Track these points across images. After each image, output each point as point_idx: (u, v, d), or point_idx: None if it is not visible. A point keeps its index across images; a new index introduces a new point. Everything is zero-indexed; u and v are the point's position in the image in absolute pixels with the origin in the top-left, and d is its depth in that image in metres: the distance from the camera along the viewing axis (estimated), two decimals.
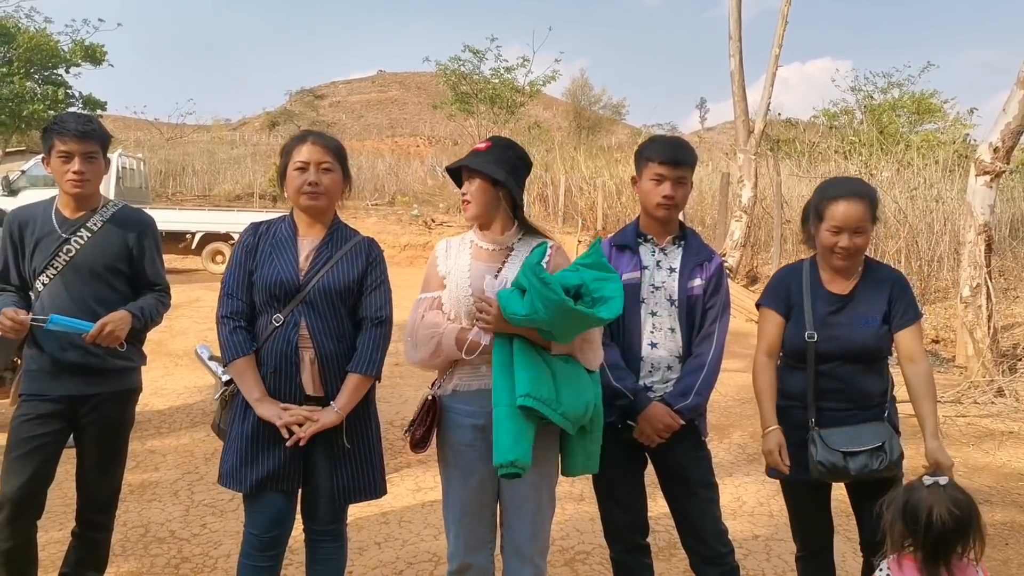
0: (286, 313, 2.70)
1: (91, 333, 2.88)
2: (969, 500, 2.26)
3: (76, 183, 3.01)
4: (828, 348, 2.81)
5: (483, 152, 2.70)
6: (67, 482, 3.23)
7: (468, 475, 2.68)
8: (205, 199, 25.51)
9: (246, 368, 2.68)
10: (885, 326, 2.82)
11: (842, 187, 2.85)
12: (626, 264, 2.93)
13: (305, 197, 2.74)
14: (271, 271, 2.72)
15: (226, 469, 2.74)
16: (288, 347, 2.69)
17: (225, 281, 2.78)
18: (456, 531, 2.72)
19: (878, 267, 2.96)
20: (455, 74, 30.34)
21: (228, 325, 2.71)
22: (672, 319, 2.92)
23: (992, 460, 5.77)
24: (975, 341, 8.07)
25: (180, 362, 7.95)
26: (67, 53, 25.48)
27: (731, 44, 15.17)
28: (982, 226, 8.19)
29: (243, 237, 2.83)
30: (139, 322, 3.04)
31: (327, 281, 2.74)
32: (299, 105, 54.81)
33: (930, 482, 2.27)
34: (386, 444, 5.65)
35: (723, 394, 7.21)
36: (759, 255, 16.52)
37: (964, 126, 24.58)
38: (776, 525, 4.41)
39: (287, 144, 2.84)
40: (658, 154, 2.89)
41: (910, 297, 2.88)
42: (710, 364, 2.89)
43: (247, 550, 2.76)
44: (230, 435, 2.77)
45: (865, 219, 2.76)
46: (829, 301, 2.87)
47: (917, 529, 2.22)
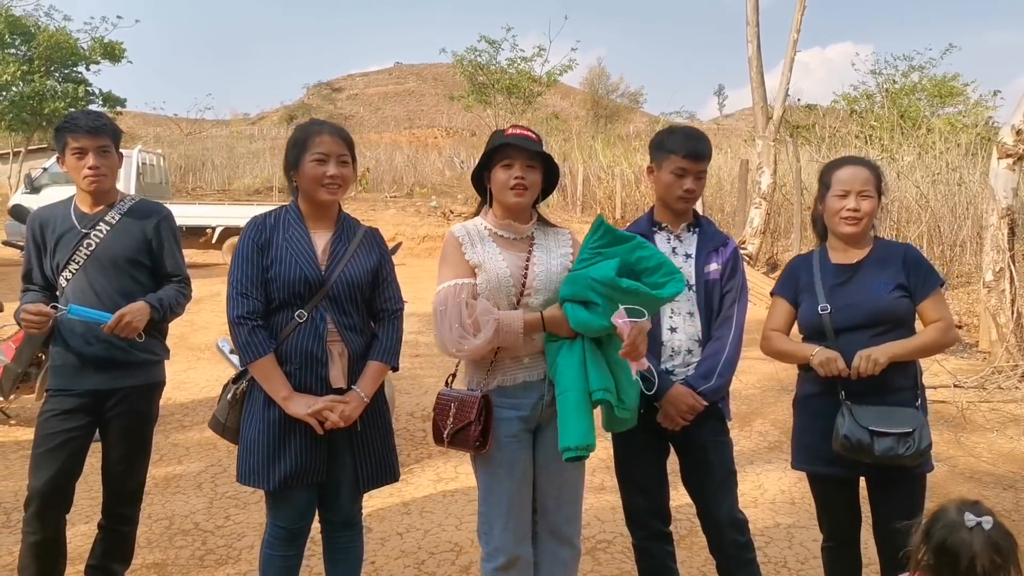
0: (309, 308, 2.70)
1: (109, 324, 2.91)
2: (1012, 543, 2.04)
3: (93, 179, 3.04)
4: (844, 318, 2.79)
5: (534, 140, 2.71)
6: (93, 476, 3.27)
7: (513, 466, 2.70)
8: (225, 194, 25.72)
9: (270, 367, 2.65)
10: (902, 293, 2.78)
11: (845, 158, 2.96)
12: None
13: (325, 190, 2.73)
14: (293, 268, 2.68)
15: (249, 467, 2.72)
16: (318, 343, 2.69)
17: (235, 280, 2.69)
18: (504, 523, 2.70)
19: (887, 242, 2.98)
20: (472, 65, 30.33)
21: (247, 325, 2.65)
22: (690, 304, 2.94)
23: (1017, 446, 5.72)
24: (999, 326, 7.98)
25: (202, 356, 8.02)
26: (86, 51, 25.72)
27: (748, 30, 15.05)
28: (1005, 210, 8.08)
29: (249, 233, 2.74)
30: (157, 313, 3.05)
31: (348, 275, 2.75)
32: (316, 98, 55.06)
33: (973, 523, 2.01)
34: (407, 435, 5.72)
35: (745, 383, 7.19)
36: (779, 242, 16.42)
37: (987, 108, 24.26)
38: (798, 513, 4.40)
39: (299, 134, 2.78)
40: (680, 148, 2.90)
41: (926, 265, 2.86)
42: (731, 346, 2.91)
43: (272, 542, 2.78)
44: (247, 433, 2.75)
45: (870, 183, 2.81)
46: (836, 273, 2.88)
47: (955, 573, 2.02)
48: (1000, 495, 4.78)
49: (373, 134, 42.22)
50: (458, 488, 4.72)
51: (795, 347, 2.91)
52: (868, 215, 2.82)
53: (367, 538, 4.01)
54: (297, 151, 2.74)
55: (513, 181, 2.65)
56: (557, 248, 2.79)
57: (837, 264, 2.89)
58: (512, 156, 2.66)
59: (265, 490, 2.75)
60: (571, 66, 31.04)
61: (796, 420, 3.00)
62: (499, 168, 2.68)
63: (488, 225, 2.76)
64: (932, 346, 2.82)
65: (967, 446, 5.67)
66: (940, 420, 6.21)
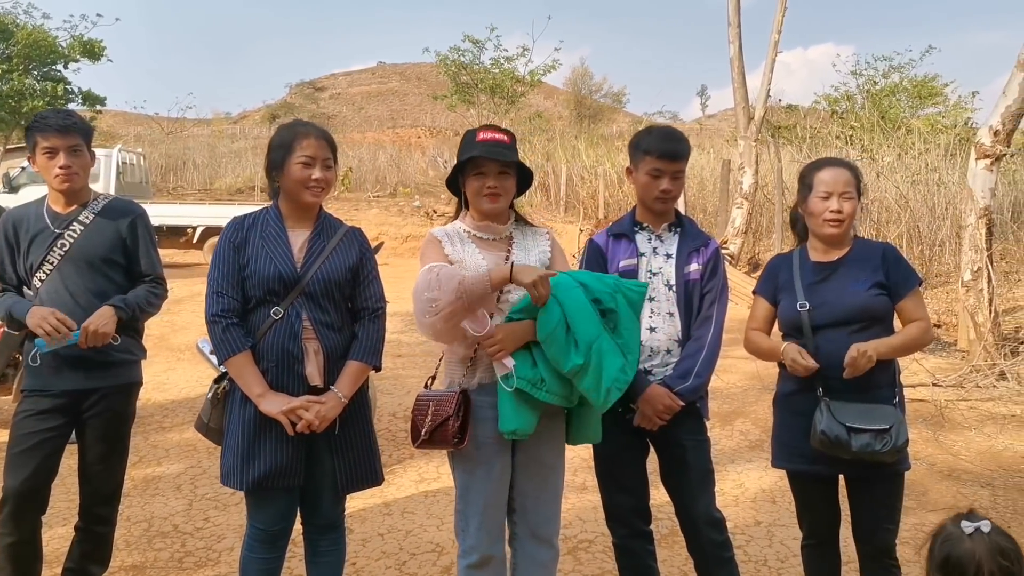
0: (285, 305, 2.69)
1: (80, 340, 2.90)
2: (1014, 544, 1.95)
3: (64, 178, 3.02)
4: (822, 315, 2.82)
5: (508, 145, 2.72)
6: (70, 477, 3.25)
7: (491, 468, 2.71)
8: (206, 193, 25.56)
9: (245, 364, 2.64)
10: (879, 291, 2.81)
11: (825, 159, 2.98)
12: (623, 252, 2.98)
13: (310, 193, 2.73)
14: (267, 265, 2.68)
15: (226, 468, 2.71)
16: (292, 340, 2.68)
17: (212, 279, 2.70)
18: (479, 523, 2.72)
19: (866, 241, 3.00)
20: (455, 64, 30.30)
21: (221, 323, 2.64)
22: (670, 303, 2.95)
23: (994, 443, 5.77)
24: (977, 325, 8.05)
25: (182, 356, 7.97)
26: (65, 49, 25.46)
27: (730, 31, 15.12)
28: (983, 210, 8.16)
29: (227, 233, 2.75)
30: (124, 313, 3.02)
31: (325, 272, 2.74)
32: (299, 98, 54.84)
33: (971, 529, 1.93)
34: (389, 435, 5.71)
35: (727, 382, 7.22)
36: (761, 242, 16.51)
37: (965, 110, 24.47)
38: (778, 512, 4.42)
39: (285, 135, 2.76)
40: (656, 148, 2.91)
41: (905, 264, 2.88)
42: (709, 346, 2.92)
43: (252, 544, 2.76)
44: (228, 433, 2.74)
45: (851, 184, 2.84)
46: (815, 271, 2.90)
47: None
48: (978, 492, 4.83)
49: (356, 133, 42.09)
50: (440, 488, 4.71)
51: (770, 344, 2.95)
52: (850, 216, 2.84)
53: (349, 539, 3.99)
54: (283, 152, 2.72)
55: (486, 191, 2.67)
56: (535, 247, 2.82)
57: (816, 262, 2.92)
58: (485, 164, 2.67)
59: (241, 490, 2.72)
60: (554, 66, 31.09)
61: (776, 418, 3.02)
62: (472, 177, 2.69)
63: (467, 227, 2.78)
64: (913, 344, 2.85)
65: (946, 444, 5.72)
66: (919, 418, 6.26)
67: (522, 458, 2.75)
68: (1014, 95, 7.88)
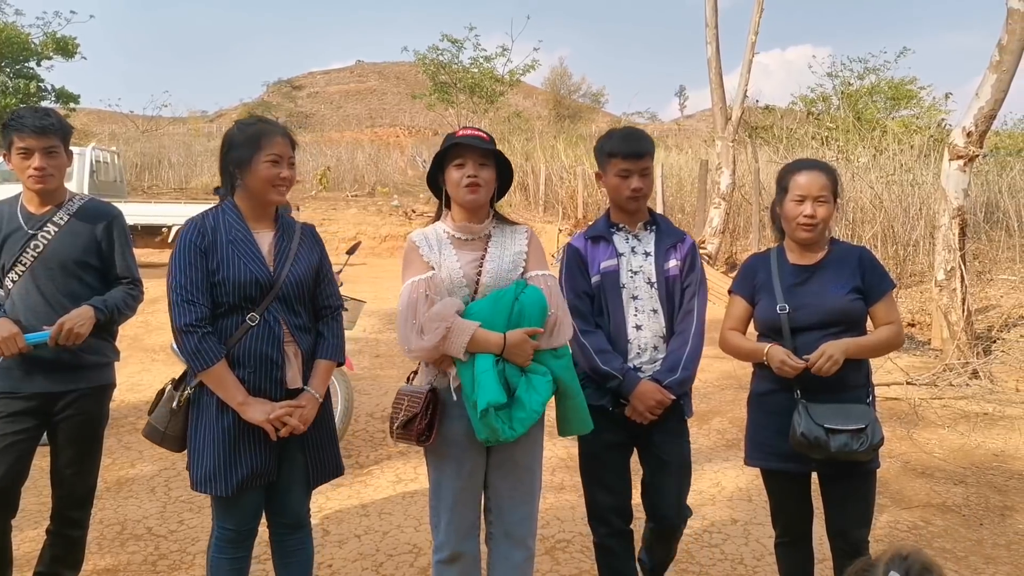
0: (261, 311, 2.65)
1: (52, 334, 2.85)
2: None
3: (37, 179, 2.98)
4: (801, 317, 2.85)
5: (485, 140, 2.74)
6: (41, 479, 3.20)
7: (462, 466, 2.72)
8: (182, 192, 25.28)
9: (225, 373, 2.59)
10: (857, 296, 2.85)
11: (802, 161, 3.00)
12: (602, 253, 3.03)
13: (277, 192, 2.70)
14: (242, 271, 2.62)
15: (203, 474, 2.65)
16: (273, 345, 2.65)
17: (179, 286, 2.59)
18: (448, 520, 2.74)
19: (842, 243, 3.03)
20: (434, 64, 30.23)
21: (197, 333, 2.55)
22: (653, 300, 3.02)
23: (967, 441, 5.84)
24: (950, 324, 8.15)
25: (157, 357, 7.89)
26: (38, 46, 25.13)
27: (708, 31, 15.19)
28: (956, 210, 8.25)
29: (189, 237, 2.64)
30: (103, 315, 2.99)
31: (296, 274, 2.73)
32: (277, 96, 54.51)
33: None
34: (366, 436, 5.68)
35: (704, 381, 7.24)
36: (738, 241, 16.61)
37: (940, 111, 24.74)
38: (754, 510, 4.45)
39: (251, 132, 2.70)
40: (620, 149, 2.99)
41: (880, 268, 2.93)
42: (693, 338, 3.00)
43: (221, 545, 2.74)
44: (199, 440, 2.67)
45: (826, 188, 2.86)
46: (795, 274, 2.93)
47: None
48: (951, 490, 4.88)
49: (334, 132, 41.88)
50: (417, 489, 4.70)
51: (750, 346, 2.96)
52: (824, 220, 2.87)
53: (325, 540, 3.99)
54: (249, 150, 2.67)
55: (467, 180, 2.68)
56: (512, 245, 2.82)
57: (795, 264, 2.94)
58: (464, 155, 2.69)
59: (225, 495, 2.67)
60: (533, 66, 31.12)
61: (750, 416, 3.04)
62: (452, 168, 2.71)
63: (446, 228, 2.79)
64: (884, 346, 2.89)
65: (919, 442, 5.78)
66: (893, 417, 6.33)
67: (496, 458, 2.76)
68: (986, 97, 7.98)
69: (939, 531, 4.29)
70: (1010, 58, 7.85)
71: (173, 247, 2.66)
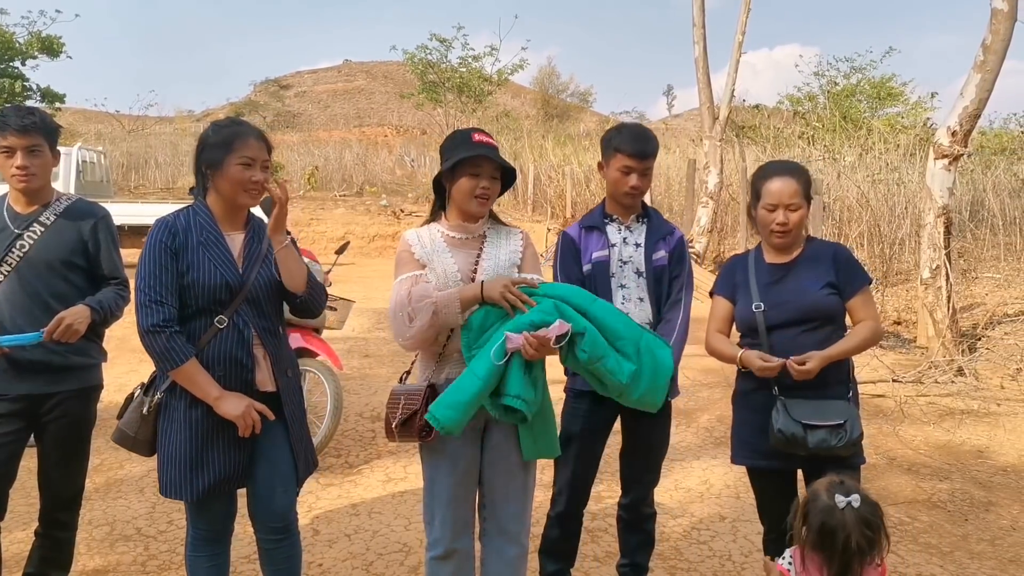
0: (230, 313, 2.64)
1: (48, 328, 2.84)
2: (878, 514, 2.32)
3: (21, 178, 2.95)
4: (776, 315, 2.89)
5: (494, 148, 2.76)
6: (30, 480, 3.19)
7: (456, 462, 2.74)
8: (169, 192, 25.16)
9: (196, 370, 2.57)
10: (831, 290, 2.88)
11: (776, 166, 3.01)
12: (595, 243, 3.17)
13: (248, 195, 2.67)
14: (212, 273, 2.61)
15: (169, 479, 2.65)
16: (242, 347, 2.65)
17: (147, 287, 2.55)
18: (443, 517, 2.75)
19: (818, 241, 3.06)
20: (422, 63, 30.20)
21: (165, 332, 2.53)
22: (640, 289, 3.16)
23: (952, 438, 5.89)
24: (935, 322, 8.21)
25: (144, 358, 7.81)
26: (23, 45, 24.95)
27: (695, 31, 15.25)
28: (941, 209, 8.32)
29: (159, 236, 2.61)
30: (98, 315, 2.98)
31: (265, 276, 2.72)
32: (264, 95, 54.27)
33: (843, 503, 2.28)
34: (356, 435, 5.68)
35: (692, 379, 7.28)
36: (726, 240, 16.66)
37: (925, 110, 24.92)
38: (742, 507, 4.47)
39: (224, 134, 2.66)
40: (627, 147, 3.10)
41: (855, 264, 2.96)
42: (680, 326, 3.13)
43: (196, 544, 2.75)
44: (167, 445, 2.66)
45: (798, 195, 2.88)
46: (771, 272, 2.97)
47: (833, 552, 2.28)
48: (936, 486, 4.93)
49: (322, 132, 41.76)
50: (407, 488, 4.70)
51: (729, 351, 2.99)
52: (797, 225, 2.91)
53: (315, 540, 4.00)
54: (221, 152, 2.64)
55: (479, 191, 2.70)
56: (508, 245, 2.84)
57: (771, 264, 2.99)
58: (481, 166, 2.70)
59: (188, 501, 2.68)
60: (522, 65, 31.15)
61: (735, 415, 3.09)
62: (465, 177, 2.71)
63: (441, 228, 2.81)
64: (862, 345, 2.92)
65: (905, 439, 5.83)
66: (878, 413, 6.38)
67: (491, 455, 2.78)
68: (971, 96, 8.05)
69: (924, 527, 4.33)
70: (994, 58, 7.92)
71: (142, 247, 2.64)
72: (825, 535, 2.28)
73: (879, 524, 2.31)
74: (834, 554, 2.28)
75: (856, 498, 2.30)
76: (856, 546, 2.25)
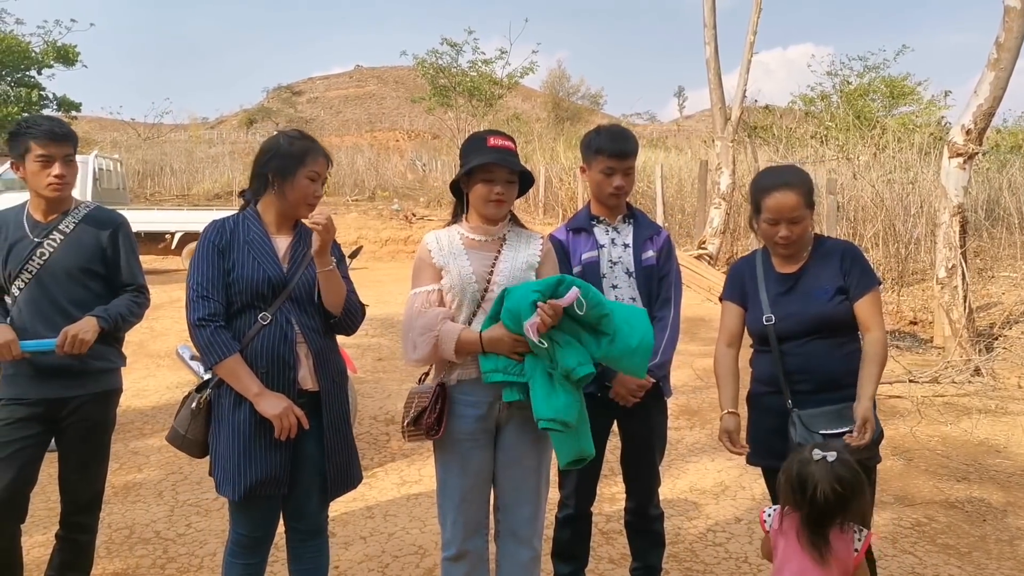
0: (273, 311, 2.69)
1: (58, 342, 2.87)
2: (855, 477, 2.35)
3: (57, 187, 2.99)
4: (786, 327, 2.86)
5: (513, 153, 2.78)
6: (50, 485, 3.23)
7: (467, 463, 2.75)
8: (184, 199, 25.33)
9: (238, 365, 2.62)
10: (842, 298, 2.83)
11: (773, 177, 2.90)
12: (583, 245, 3.19)
13: (307, 208, 2.78)
14: (255, 270, 2.67)
15: (219, 476, 2.69)
16: (284, 344, 2.68)
17: (196, 283, 2.65)
18: (454, 517, 2.77)
19: (827, 241, 2.99)
20: (433, 67, 30.22)
21: (209, 326, 2.60)
22: (631, 289, 3.19)
23: (970, 438, 5.86)
24: (952, 322, 8.17)
25: (162, 363, 7.91)
26: (39, 54, 25.20)
27: (706, 32, 15.23)
28: (956, 207, 8.27)
29: (210, 236, 2.71)
30: (106, 324, 2.99)
31: (310, 276, 2.77)
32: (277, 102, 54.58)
33: (819, 456, 2.35)
34: (370, 439, 5.71)
35: (701, 378, 7.26)
36: (739, 242, 16.60)
37: (939, 108, 24.74)
38: (758, 508, 4.46)
39: (297, 146, 2.76)
40: (607, 148, 3.13)
41: (863, 265, 2.88)
42: (672, 326, 3.18)
43: (235, 550, 2.76)
44: (216, 442, 2.70)
45: (799, 207, 2.79)
46: (780, 282, 2.92)
47: (802, 499, 2.35)
48: (954, 487, 4.90)
49: (334, 137, 41.95)
50: (422, 491, 4.72)
51: (723, 392, 3.03)
52: (801, 236, 2.86)
53: (331, 542, 3.99)
54: (294, 163, 2.73)
55: (494, 196, 2.73)
56: (526, 248, 2.85)
57: (780, 273, 2.94)
58: (494, 172, 2.72)
59: (234, 499, 2.69)
60: (532, 68, 31.05)
61: (750, 416, 3.07)
62: (480, 183, 2.74)
63: (461, 230, 2.83)
64: (883, 364, 2.83)
65: (922, 439, 5.80)
66: (896, 414, 6.35)
67: (503, 457, 2.79)
68: (985, 94, 8.01)
69: (942, 528, 4.31)
70: (1008, 56, 7.88)
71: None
72: (795, 485, 2.36)
73: (853, 486, 2.33)
74: (803, 504, 2.34)
75: (832, 455, 2.36)
76: (823, 497, 2.29)
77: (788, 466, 2.43)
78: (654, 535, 3.36)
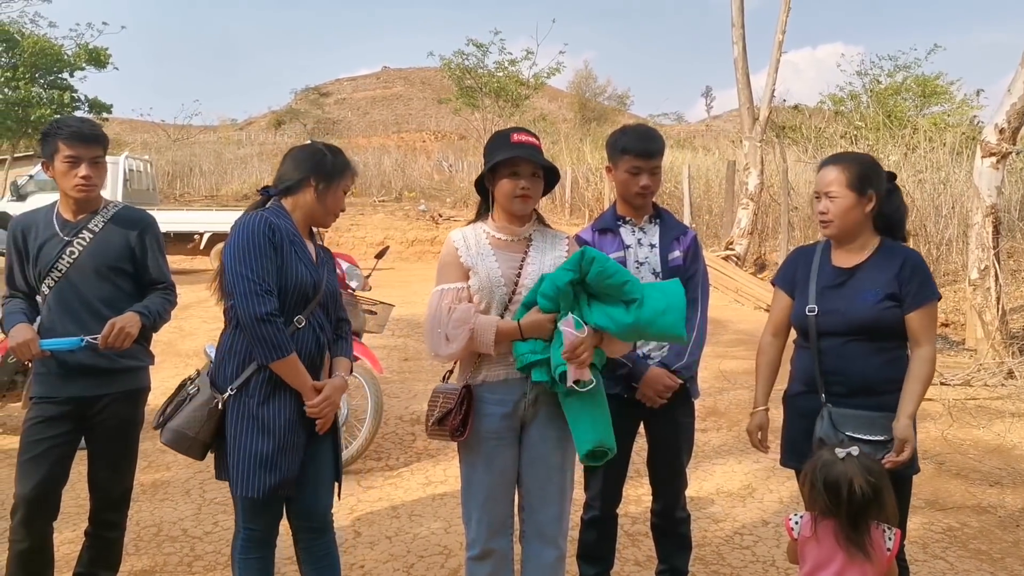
0: (307, 314, 2.73)
1: (103, 335, 2.90)
2: (880, 468, 2.40)
3: (83, 188, 3.02)
4: (827, 322, 2.77)
5: (537, 148, 2.77)
6: (80, 483, 3.26)
7: (492, 462, 2.75)
8: (213, 199, 25.61)
9: (297, 361, 2.66)
10: (891, 304, 2.71)
11: (830, 156, 2.93)
12: (610, 245, 3.16)
13: (333, 218, 2.87)
14: (304, 273, 2.70)
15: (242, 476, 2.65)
16: (318, 348, 2.76)
17: (256, 276, 2.57)
18: (479, 517, 2.76)
19: (894, 245, 2.86)
20: (459, 68, 30.31)
21: (275, 323, 2.57)
22: None
23: (1003, 442, 5.76)
24: (984, 323, 8.04)
25: (190, 362, 7.97)
26: (71, 57, 25.57)
27: (734, 31, 15.14)
28: (989, 208, 8.15)
29: (261, 228, 2.63)
30: (147, 320, 3.04)
31: (332, 283, 2.87)
32: (304, 103, 54.92)
33: (843, 454, 2.36)
34: (395, 439, 5.73)
35: (728, 379, 7.20)
36: (767, 242, 16.49)
37: (971, 108, 24.37)
38: (786, 512, 4.41)
39: (341, 160, 2.83)
40: (633, 147, 3.12)
41: (923, 277, 2.74)
42: (699, 326, 3.14)
43: (247, 546, 2.77)
44: (242, 442, 2.66)
45: (837, 182, 2.75)
46: (833, 275, 2.82)
47: (840, 501, 2.32)
48: (987, 491, 4.82)
49: (361, 138, 42.11)
50: (447, 491, 4.72)
51: (759, 386, 3.04)
52: (839, 216, 2.75)
53: (356, 542, 4.04)
54: (336, 176, 2.80)
55: (519, 191, 2.72)
56: (552, 250, 2.84)
57: (836, 267, 2.84)
58: (519, 164, 2.71)
59: (254, 496, 2.68)
60: (559, 69, 31.07)
61: (785, 417, 3.00)
62: (505, 178, 2.72)
63: (487, 229, 2.82)
64: (928, 381, 2.76)
65: (954, 443, 5.71)
66: (927, 417, 6.25)
67: (528, 456, 2.77)
68: (1019, 93, 7.88)
69: (975, 533, 4.23)
70: None
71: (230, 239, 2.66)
72: (829, 488, 2.33)
73: (882, 475, 2.37)
74: (840, 506, 2.32)
75: (855, 448, 2.37)
76: (861, 491, 2.29)
77: (810, 474, 2.41)
78: (680, 537, 3.33)
